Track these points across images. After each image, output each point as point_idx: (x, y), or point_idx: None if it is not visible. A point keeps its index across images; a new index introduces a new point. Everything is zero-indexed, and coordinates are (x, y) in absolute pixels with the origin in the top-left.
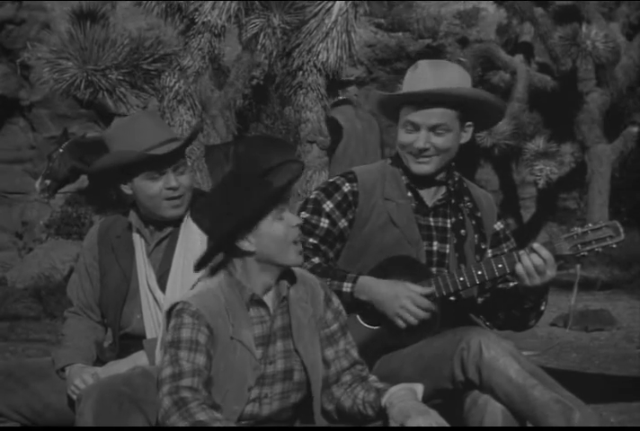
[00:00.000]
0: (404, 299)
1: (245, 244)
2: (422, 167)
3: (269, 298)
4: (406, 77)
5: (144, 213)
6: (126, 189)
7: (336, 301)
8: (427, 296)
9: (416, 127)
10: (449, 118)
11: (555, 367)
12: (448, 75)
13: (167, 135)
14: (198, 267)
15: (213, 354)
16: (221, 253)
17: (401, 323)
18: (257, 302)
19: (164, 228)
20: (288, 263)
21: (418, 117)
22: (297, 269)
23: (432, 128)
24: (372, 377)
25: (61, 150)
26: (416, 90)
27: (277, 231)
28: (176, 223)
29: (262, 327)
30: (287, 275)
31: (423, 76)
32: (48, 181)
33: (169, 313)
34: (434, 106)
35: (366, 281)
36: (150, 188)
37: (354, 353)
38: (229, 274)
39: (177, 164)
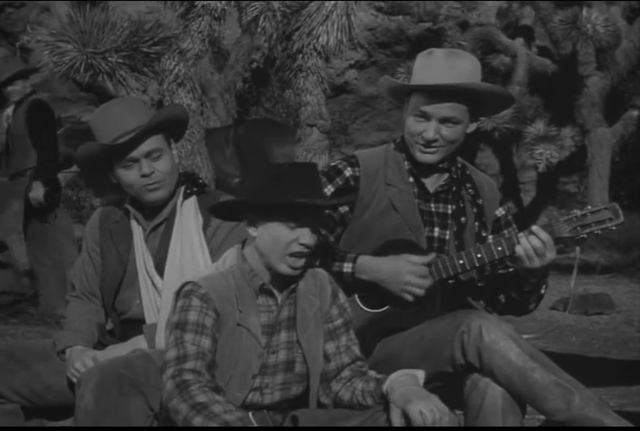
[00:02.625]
0: (407, 274)
1: (251, 228)
2: (428, 157)
3: (278, 288)
4: (418, 63)
5: (135, 199)
6: (112, 178)
7: (342, 297)
8: (428, 265)
9: (427, 117)
10: (461, 110)
11: (555, 351)
12: (463, 68)
13: (136, 122)
14: (212, 210)
15: (218, 338)
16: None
17: (409, 297)
18: (266, 291)
19: (159, 214)
20: (276, 269)
21: (431, 108)
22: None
23: (443, 120)
24: (372, 372)
25: None
26: (431, 82)
27: (280, 236)
28: (165, 206)
29: (269, 316)
30: None
31: (438, 67)
32: None
33: (177, 293)
34: (447, 100)
35: (366, 261)
36: (126, 176)
37: (356, 349)
38: (243, 259)
39: (149, 150)
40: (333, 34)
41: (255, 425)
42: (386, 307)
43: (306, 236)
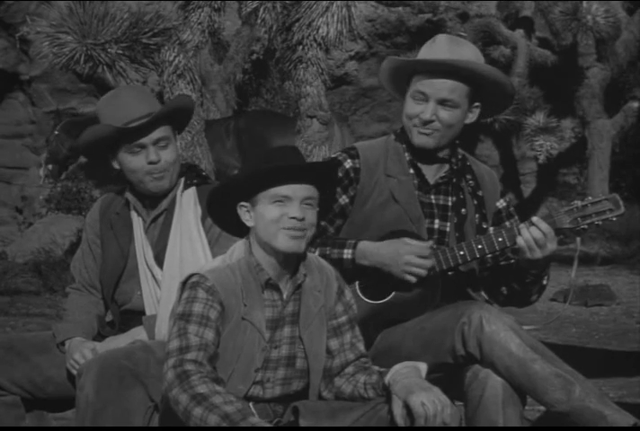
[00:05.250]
0: (407, 254)
1: (246, 216)
2: (424, 139)
3: (284, 283)
4: (422, 49)
5: (136, 188)
6: (115, 164)
7: (348, 294)
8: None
9: (425, 98)
10: (459, 93)
11: (554, 342)
12: (464, 51)
13: (147, 109)
14: (214, 220)
15: (222, 331)
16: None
17: (411, 278)
18: (272, 285)
19: (159, 205)
20: (278, 247)
21: (429, 87)
22: (314, 258)
23: (441, 102)
24: (375, 367)
25: (57, 132)
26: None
27: (269, 213)
28: (166, 197)
29: (274, 311)
30: (305, 262)
31: (439, 49)
32: (50, 166)
33: (183, 284)
34: (446, 77)
35: (365, 246)
36: (131, 162)
37: (360, 346)
38: (250, 253)
39: (158, 138)
40: (332, 25)
41: (256, 415)
42: (386, 298)
43: (294, 210)
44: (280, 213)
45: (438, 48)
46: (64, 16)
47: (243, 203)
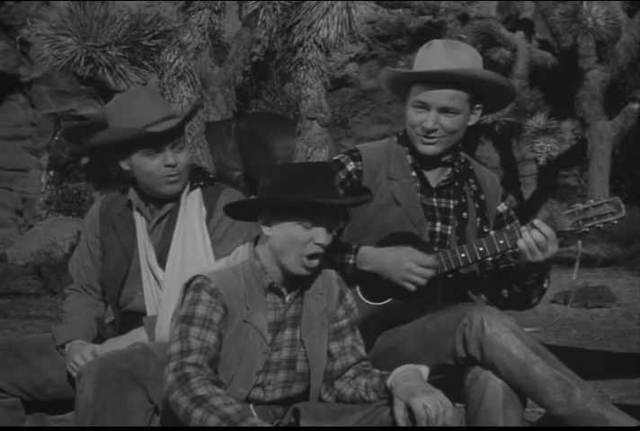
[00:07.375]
0: (408, 262)
1: (265, 227)
2: (429, 148)
3: (287, 287)
4: (418, 55)
5: (143, 189)
6: (124, 165)
7: (350, 298)
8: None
9: (426, 107)
10: (460, 100)
11: (555, 344)
12: (461, 56)
13: (165, 111)
14: (226, 210)
15: (224, 334)
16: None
17: (410, 286)
18: (275, 289)
19: (164, 206)
20: (289, 269)
21: (429, 97)
22: None
23: (442, 110)
24: (375, 370)
25: (57, 138)
26: (428, 69)
27: (295, 236)
28: (175, 200)
29: (276, 314)
30: None
31: (436, 56)
32: (52, 173)
33: (187, 286)
34: (445, 87)
35: (367, 251)
36: (148, 165)
37: (361, 349)
38: (255, 256)
39: (176, 141)
40: (333, 27)
41: (256, 416)
42: (387, 300)
43: (321, 236)
44: (307, 238)
45: (434, 55)
46: (64, 18)
47: (266, 214)
